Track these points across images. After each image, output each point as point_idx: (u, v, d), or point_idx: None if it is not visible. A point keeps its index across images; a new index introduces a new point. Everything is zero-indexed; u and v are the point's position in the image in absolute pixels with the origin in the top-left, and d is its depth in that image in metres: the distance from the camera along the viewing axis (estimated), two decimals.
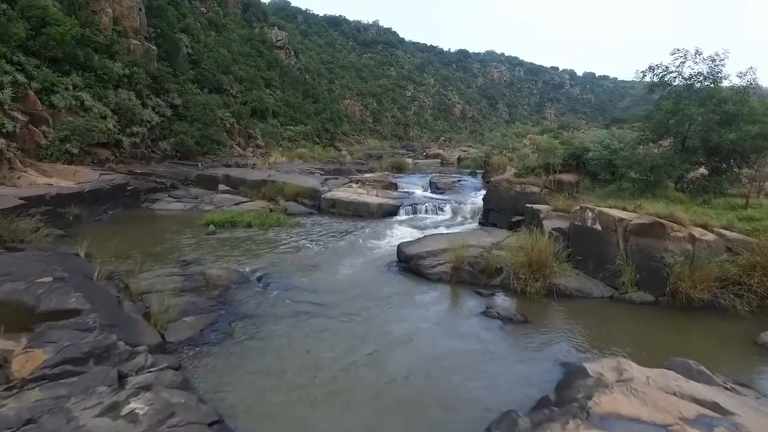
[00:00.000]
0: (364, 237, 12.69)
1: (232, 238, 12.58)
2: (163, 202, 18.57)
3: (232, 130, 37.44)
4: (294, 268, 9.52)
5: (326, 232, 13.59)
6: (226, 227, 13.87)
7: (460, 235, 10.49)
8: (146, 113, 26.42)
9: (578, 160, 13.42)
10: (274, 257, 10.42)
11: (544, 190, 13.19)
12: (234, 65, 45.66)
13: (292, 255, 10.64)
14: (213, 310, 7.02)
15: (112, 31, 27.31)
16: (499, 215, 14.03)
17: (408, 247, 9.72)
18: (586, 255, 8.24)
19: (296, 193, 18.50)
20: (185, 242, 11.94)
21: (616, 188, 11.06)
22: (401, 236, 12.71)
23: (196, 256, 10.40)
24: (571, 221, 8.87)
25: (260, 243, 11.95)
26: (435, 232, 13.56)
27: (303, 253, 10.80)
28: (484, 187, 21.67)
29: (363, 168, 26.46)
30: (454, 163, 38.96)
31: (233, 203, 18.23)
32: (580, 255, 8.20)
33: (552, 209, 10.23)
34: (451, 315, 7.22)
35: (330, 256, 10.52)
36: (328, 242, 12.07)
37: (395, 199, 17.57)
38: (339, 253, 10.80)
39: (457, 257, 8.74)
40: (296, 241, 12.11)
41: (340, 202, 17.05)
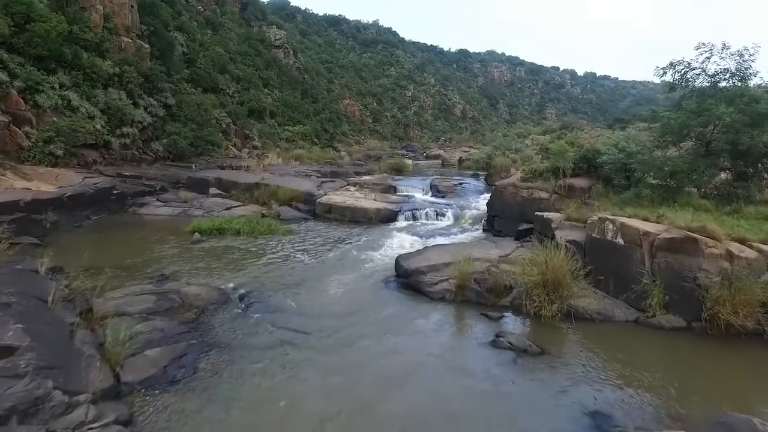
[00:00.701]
0: (360, 246, 11.80)
1: (218, 247, 11.70)
2: (151, 206, 17.70)
3: (228, 130, 36.57)
4: (281, 284, 8.64)
5: (320, 240, 12.71)
6: (213, 235, 13.00)
7: (464, 247, 9.61)
8: (137, 113, 25.53)
9: (589, 164, 12.53)
10: (261, 271, 9.53)
11: (553, 196, 12.30)
12: (231, 64, 44.78)
13: (280, 268, 9.75)
14: (183, 339, 6.13)
15: (102, 29, 26.40)
16: (505, 222, 13.14)
17: (407, 261, 8.83)
18: (606, 272, 7.36)
19: (290, 197, 17.63)
20: (167, 252, 11.06)
21: (634, 195, 10.16)
22: (400, 246, 11.83)
23: (176, 269, 9.52)
24: (588, 233, 7.98)
25: (247, 253, 11.06)
26: (436, 241, 12.67)
27: (292, 266, 9.91)
28: (487, 190, 20.80)
29: (361, 170, 25.59)
30: (455, 165, 38.09)
31: (224, 208, 17.35)
32: (599, 272, 7.32)
33: (565, 218, 9.34)
34: (456, 345, 6.31)
35: (321, 270, 9.63)
36: (321, 253, 11.18)
37: (394, 204, 16.69)
38: (332, 266, 9.91)
39: (461, 273, 7.85)
40: (286, 252, 11.23)
41: (336, 207, 16.17)
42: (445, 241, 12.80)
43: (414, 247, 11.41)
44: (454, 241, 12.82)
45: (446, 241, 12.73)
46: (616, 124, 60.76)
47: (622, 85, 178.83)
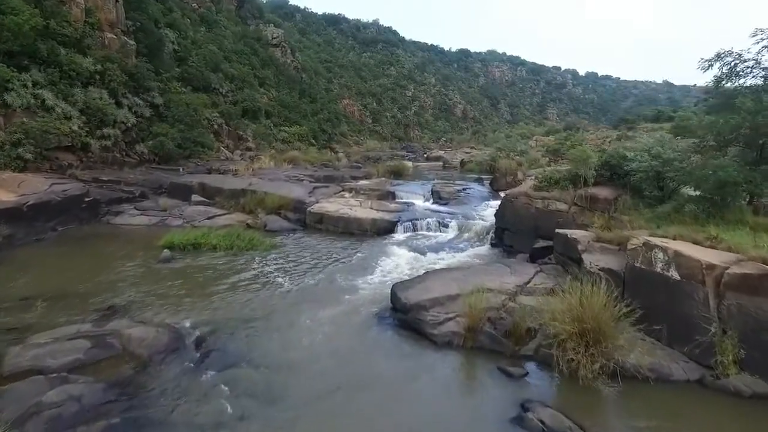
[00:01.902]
0: (351, 267, 10.25)
1: (189, 267, 10.18)
2: (127, 215, 16.19)
3: (221, 131, 35.08)
4: (251, 321, 7.12)
5: (306, 258, 11.18)
6: (186, 251, 11.50)
7: (473, 272, 8.08)
8: (121, 113, 24.04)
9: (613, 171, 11.01)
10: (230, 300, 8.01)
11: (572, 208, 10.77)
12: (225, 63, 43.28)
13: (253, 297, 8.22)
14: (106, 413, 4.62)
15: (84, 24, 24.90)
16: (517, 237, 11.61)
17: (405, 292, 7.31)
18: (656, 314, 5.83)
19: (279, 205, 16.11)
20: (128, 273, 9.56)
21: (672, 209, 8.64)
22: (397, 266, 10.29)
23: (131, 298, 8.01)
24: (629, 261, 6.48)
25: (220, 276, 9.55)
26: (439, 258, 11.14)
27: (269, 294, 8.38)
28: (492, 196, 19.30)
29: (358, 174, 24.08)
30: (456, 167, 36.55)
31: (206, 217, 15.84)
32: (647, 313, 5.80)
33: (594, 239, 7.82)
34: (469, 422, 4.73)
35: (303, 300, 8.09)
36: (306, 275, 9.64)
37: (392, 213, 15.17)
38: (315, 295, 8.37)
39: (471, 310, 6.33)
40: (266, 274, 9.71)
41: (329, 217, 14.65)
42: (448, 258, 11.28)
43: (413, 269, 9.90)
44: (459, 258, 11.30)
45: (450, 259, 11.21)
46: (622, 124, 59.27)
47: (624, 85, 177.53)
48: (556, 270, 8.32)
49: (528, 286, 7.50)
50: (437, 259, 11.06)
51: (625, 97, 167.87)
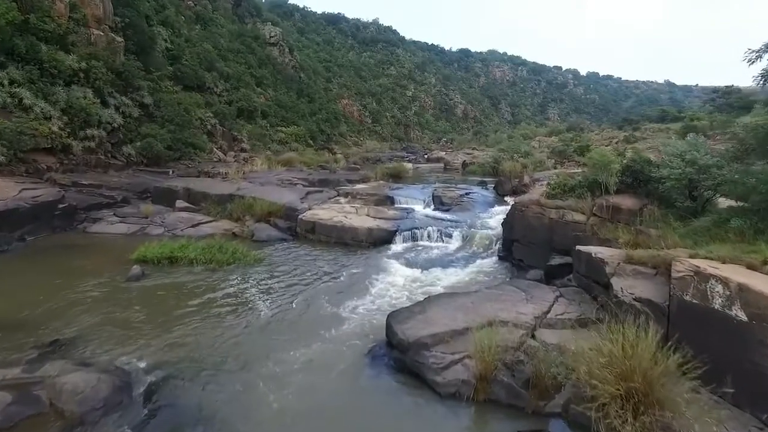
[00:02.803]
0: (341, 287, 9.08)
1: (160, 287, 9.03)
2: (105, 222, 15.04)
3: (214, 131, 33.94)
4: (218, 360, 5.96)
5: (293, 275, 10.02)
6: (160, 266, 10.35)
7: (481, 298, 6.91)
8: (106, 113, 22.92)
9: (635, 178, 9.84)
10: (198, 332, 6.85)
11: (591, 219, 9.61)
12: (220, 62, 42.17)
13: (226, 328, 7.05)
14: None
15: (68, 19, 23.81)
16: (528, 251, 10.45)
17: (403, 324, 6.14)
18: (715, 363, 4.66)
19: (268, 212, 14.97)
20: (88, 295, 8.41)
21: (712, 224, 7.47)
22: (394, 285, 9.12)
23: (82, 329, 6.86)
24: (675, 292, 5.32)
25: (193, 297, 8.39)
26: (441, 276, 9.97)
27: (243, 324, 7.22)
28: (497, 201, 18.14)
29: (355, 177, 22.91)
30: (458, 169, 35.39)
31: (190, 225, 14.70)
32: (700, 358, 4.63)
33: (625, 259, 6.66)
34: None
35: (283, 332, 6.91)
36: (289, 297, 8.47)
37: (390, 221, 14.01)
38: (298, 324, 7.20)
39: (482, 351, 5.17)
40: (244, 295, 8.55)
41: (321, 226, 13.49)
42: (452, 275, 10.11)
43: (413, 291, 8.73)
44: (463, 275, 10.13)
45: (454, 276, 10.04)
46: (626, 125, 58.05)
47: (625, 85, 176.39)
48: (579, 295, 7.16)
49: (548, 317, 6.34)
50: (439, 276, 9.88)
51: (626, 97, 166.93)
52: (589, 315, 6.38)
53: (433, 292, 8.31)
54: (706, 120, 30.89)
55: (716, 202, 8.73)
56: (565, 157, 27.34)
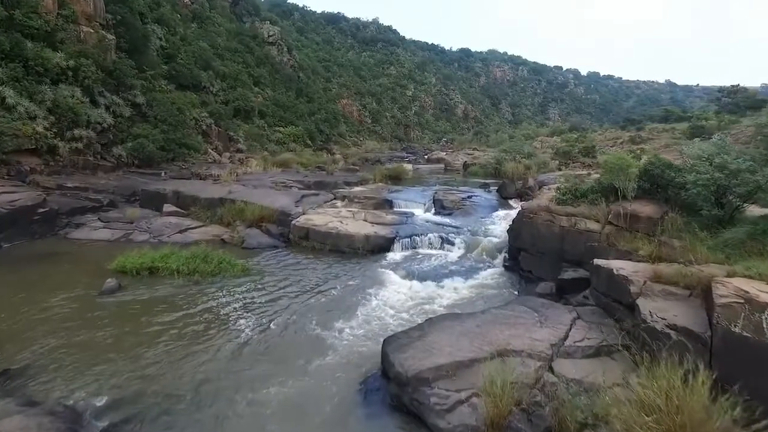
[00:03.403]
0: (333, 303, 8.28)
1: (135, 303, 8.25)
2: (88, 227, 14.28)
3: (210, 132, 33.14)
4: (186, 399, 5.18)
5: (282, 288, 9.24)
6: (140, 278, 9.58)
7: (489, 321, 6.13)
8: (96, 113, 22.17)
9: (653, 183, 9.05)
10: (169, 359, 6.08)
11: (606, 228, 8.83)
12: (217, 60, 41.41)
13: (199, 354, 6.26)
14: None
15: (57, 16, 23.06)
16: (537, 261, 9.67)
17: (401, 353, 5.36)
18: None
19: (260, 217, 14.20)
20: (55, 312, 7.64)
21: (746, 235, 6.69)
22: (392, 301, 8.34)
23: (38, 356, 6.09)
24: (719, 321, 4.54)
25: (169, 315, 7.62)
26: (443, 289, 9.18)
27: (220, 349, 6.44)
28: (500, 204, 17.36)
29: (352, 179, 22.11)
30: (459, 170, 34.60)
31: (177, 230, 13.93)
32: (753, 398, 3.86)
33: (652, 277, 5.88)
34: None
35: (263, 359, 6.12)
36: (275, 315, 7.69)
37: (388, 227, 13.23)
38: (281, 349, 6.41)
39: (493, 390, 4.40)
40: (226, 313, 7.78)
41: (315, 232, 12.71)
42: (455, 288, 9.33)
43: (412, 308, 7.94)
44: (467, 288, 9.34)
45: (457, 289, 9.26)
46: (629, 125, 57.23)
47: (626, 85, 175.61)
48: (599, 316, 6.38)
49: (566, 345, 5.56)
50: (441, 290, 9.10)
51: (627, 97, 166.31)
52: (612, 341, 5.61)
53: (435, 310, 7.54)
54: (714, 120, 30.03)
55: (745, 210, 7.95)
56: (569, 158, 26.53)
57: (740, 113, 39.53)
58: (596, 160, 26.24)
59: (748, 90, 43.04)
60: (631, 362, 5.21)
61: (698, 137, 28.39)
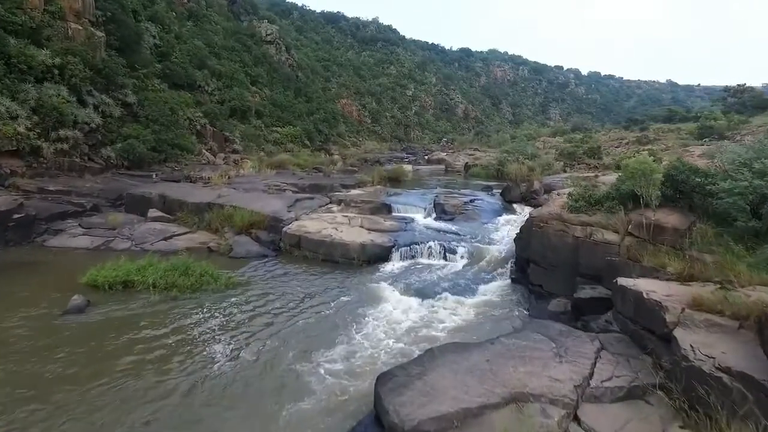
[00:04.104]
0: (321, 326, 7.38)
1: (101, 324, 7.40)
2: (66, 235, 13.42)
3: (204, 132, 32.28)
4: None
5: (265, 306, 8.38)
6: (112, 294, 8.73)
7: (499, 354, 5.28)
8: (83, 113, 21.26)
9: (677, 189, 8.18)
10: (119, 397, 5.21)
11: (627, 239, 7.97)
12: (212, 59, 40.51)
13: (161, 390, 5.38)
14: None
15: (43, 12, 22.21)
16: (549, 275, 8.82)
17: (397, 397, 4.51)
18: None
19: (250, 223, 13.35)
20: (9, 335, 6.82)
21: None
22: (388, 324, 7.46)
23: None
24: None
25: (135, 340, 6.78)
26: (445, 308, 8.31)
27: (184, 380, 5.58)
28: (504, 209, 16.50)
29: (349, 182, 21.24)
30: (460, 171, 33.75)
31: (161, 237, 13.08)
32: None
33: (692, 304, 5.03)
34: None
35: (235, 401, 5.25)
36: (254, 338, 6.80)
37: (386, 234, 12.38)
38: (254, 386, 5.48)
39: None
40: (202, 335, 6.93)
41: (308, 240, 11.85)
42: (459, 305, 8.47)
43: (410, 331, 7.08)
44: (472, 306, 8.47)
45: (461, 308, 8.39)
46: (632, 125, 56.33)
47: (627, 85, 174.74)
48: (626, 346, 5.52)
49: (592, 386, 4.70)
50: (443, 309, 8.23)
51: (628, 97, 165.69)
52: (646, 380, 4.75)
53: (436, 336, 6.69)
54: (723, 120, 29.15)
55: None
56: (574, 160, 25.67)
57: (747, 113, 38.70)
58: (602, 161, 25.46)
59: (755, 89, 42.20)
60: (672, 408, 4.36)
61: (707, 138, 27.62)
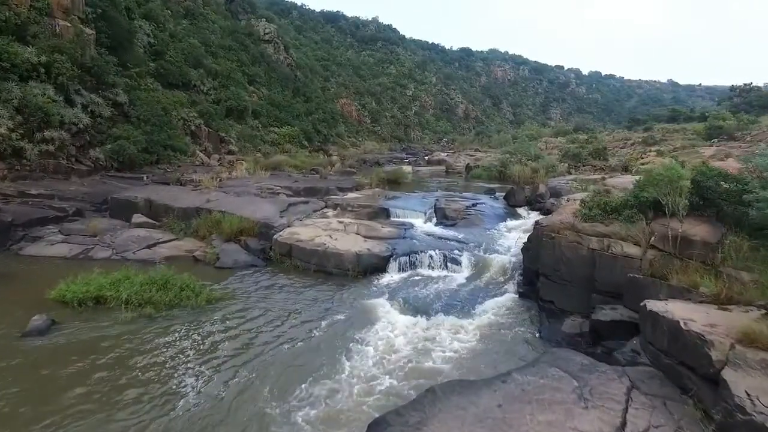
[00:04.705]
0: (307, 353, 6.50)
1: (62, 349, 6.62)
2: (44, 242, 12.63)
3: (199, 132, 31.49)
4: None
5: (247, 326, 7.57)
6: (81, 311, 7.94)
7: (514, 399, 4.48)
8: (70, 113, 20.48)
9: (702, 197, 7.40)
10: None
11: (649, 253, 7.17)
12: (208, 58, 39.72)
13: None
14: None
15: (29, 8, 21.44)
16: (561, 290, 8.02)
17: None
18: None
19: (239, 230, 12.56)
20: None
21: None
22: (382, 349, 6.66)
23: None
24: None
25: (97, 369, 6.01)
26: (448, 329, 7.51)
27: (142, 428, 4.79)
28: (509, 214, 15.72)
29: (346, 185, 20.42)
30: (461, 173, 32.95)
31: (144, 245, 12.30)
32: None
33: (740, 337, 4.25)
34: None
35: None
36: (227, 369, 5.97)
37: (384, 242, 11.58)
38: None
39: None
40: (170, 363, 6.14)
41: (299, 249, 11.05)
42: (463, 327, 7.67)
43: (408, 361, 6.28)
44: (478, 328, 7.66)
45: (465, 329, 7.59)
46: (635, 125, 55.47)
47: (628, 85, 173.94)
48: (659, 383, 4.73)
49: None
50: (445, 330, 7.42)
51: (629, 97, 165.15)
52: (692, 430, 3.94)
53: (438, 369, 5.89)
54: (732, 120, 28.33)
55: None
56: (579, 161, 24.86)
57: (754, 113, 37.90)
58: (608, 162, 24.68)
59: (761, 89, 41.40)
60: None
61: (715, 138, 26.84)
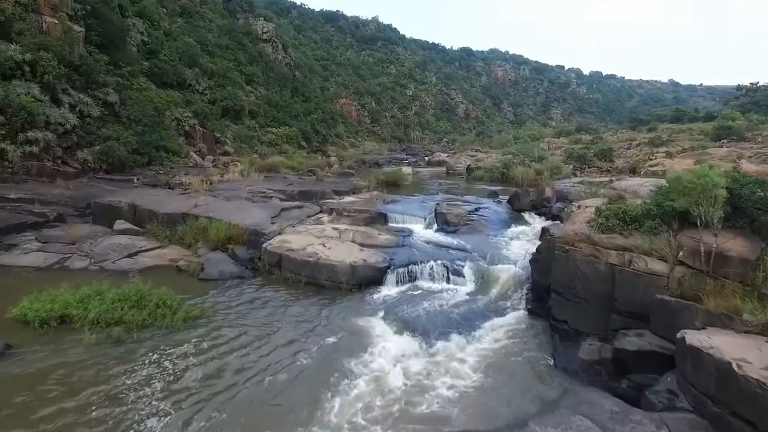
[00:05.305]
0: (289, 389, 5.69)
1: (14, 380, 5.83)
2: (19, 250, 11.83)
3: (193, 133, 30.68)
4: None
5: (226, 351, 6.76)
6: (43, 332, 7.15)
7: None
8: (56, 113, 19.71)
9: (735, 207, 6.58)
10: None
11: (677, 270, 6.36)
12: (204, 57, 38.93)
13: None
14: None
15: (15, 4, 20.68)
16: (576, 309, 7.21)
17: None
18: None
19: (227, 237, 11.77)
20: None
21: None
22: (375, 384, 5.86)
23: None
24: None
25: (47, 407, 5.19)
26: (451, 355, 6.71)
27: None
28: (513, 219, 14.92)
29: (343, 188, 19.60)
30: (462, 174, 32.12)
31: (126, 254, 11.50)
32: None
33: None
34: None
35: None
36: (200, 406, 5.21)
37: (381, 251, 10.79)
38: None
39: None
40: (133, 399, 5.36)
41: (290, 260, 10.26)
42: (467, 353, 6.87)
43: (406, 402, 5.46)
44: (484, 354, 6.86)
45: (470, 356, 6.78)
46: (638, 125, 54.65)
47: (629, 85, 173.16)
48: None
49: None
50: (446, 358, 6.61)
51: (630, 97, 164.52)
52: None
53: (436, 413, 5.06)
54: (742, 120, 27.50)
55: None
56: (584, 162, 24.04)
57: (761, 112, 37.09)
58: (614, 164, 23.89)
59: None
60: None
61: (724, 139, 26.06)
